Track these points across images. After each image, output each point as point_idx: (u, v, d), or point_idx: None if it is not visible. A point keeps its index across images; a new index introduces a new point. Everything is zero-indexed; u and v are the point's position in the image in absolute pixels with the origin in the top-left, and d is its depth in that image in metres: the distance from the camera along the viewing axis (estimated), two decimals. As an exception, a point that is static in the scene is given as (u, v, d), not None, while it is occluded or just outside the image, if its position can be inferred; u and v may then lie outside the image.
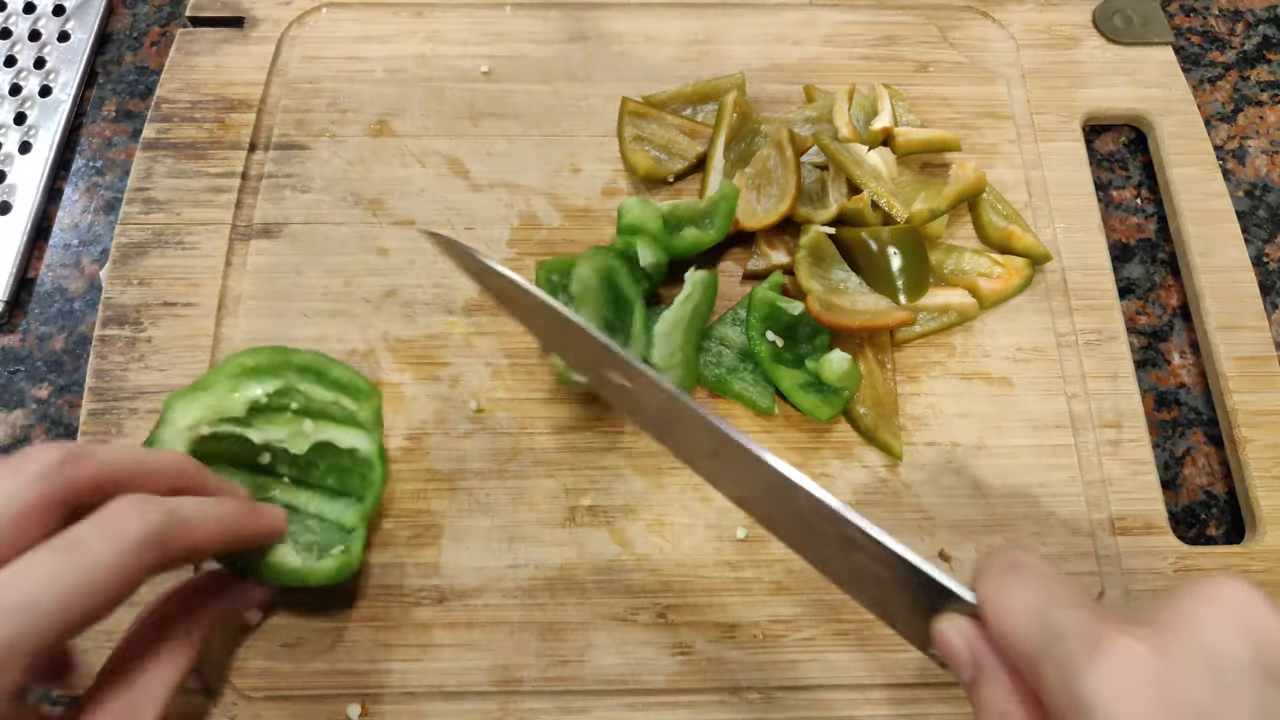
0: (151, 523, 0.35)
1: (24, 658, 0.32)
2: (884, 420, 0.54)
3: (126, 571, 0.34)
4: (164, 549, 0.36)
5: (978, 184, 0.58)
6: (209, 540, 0.39)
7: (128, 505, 0.36)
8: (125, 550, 0.34)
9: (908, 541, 0.52)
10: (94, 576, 0.33)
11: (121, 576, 0.34)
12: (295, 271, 0.58)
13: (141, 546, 0.35)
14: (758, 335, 0.54)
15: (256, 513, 0.43)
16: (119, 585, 0.34)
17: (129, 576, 0.35)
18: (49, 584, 0.33)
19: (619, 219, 0.57)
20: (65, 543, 0.34)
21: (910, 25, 0.68)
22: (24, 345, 0.59)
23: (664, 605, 0.50)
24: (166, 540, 0.36)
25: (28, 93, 0.66)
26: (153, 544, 0.35)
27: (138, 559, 0.35)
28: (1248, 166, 0.67)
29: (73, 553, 0.34)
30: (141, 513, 0.35)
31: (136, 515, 0.35)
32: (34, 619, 0.32)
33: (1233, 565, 0.52)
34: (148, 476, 0.39)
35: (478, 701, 0.48)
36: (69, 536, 0.34)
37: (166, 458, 0.41)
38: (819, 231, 0.57)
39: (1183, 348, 0.61)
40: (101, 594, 0.34)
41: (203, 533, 0.38)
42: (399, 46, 0.66)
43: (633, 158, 0.61)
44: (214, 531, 0.39)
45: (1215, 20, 0.73)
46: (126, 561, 0.34)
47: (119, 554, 0.34)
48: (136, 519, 0.35)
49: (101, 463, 0.37)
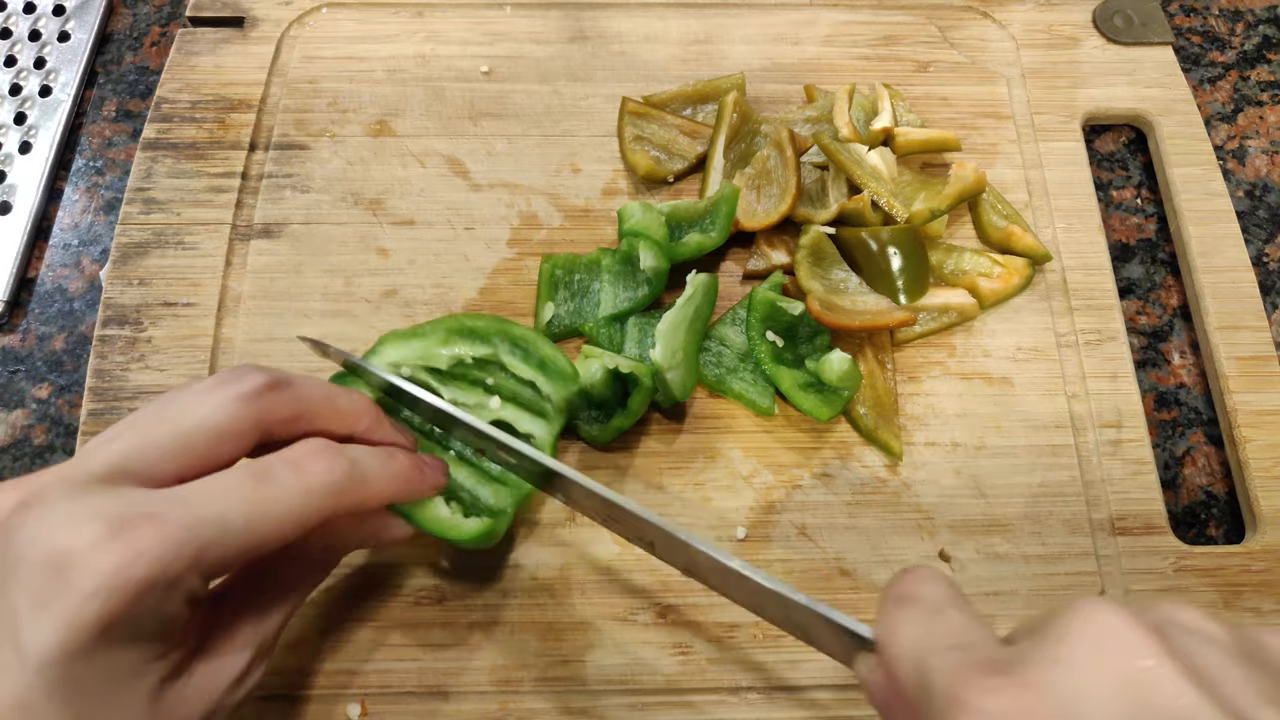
0: (336, 471, 0.38)
1: (207, 567, 0.34)
2: (884, 420, 0.54)
3: (307, 510, 0.37)
4: (341, 497, 0.38)
5: (978, 184, 0.58)
6: (381, 496, 0.40)
7: (319, 450, 0.38)
8: (311, 490, 0.37)
9: (907, 542, 0.52)
10: (279, 509, 0.36)
11: (301, 514, 0.36)
12: (295, 271, 0.58)
13: (325, 491, 0.37)
14: (758, 335, 0.54)
15: (423, 469, 0.44)
16: (297, 522, 0.36)
17: (307, 516, 0.37)
18: (242, 506, 0.35)
19: (620, 223, 0.57)
20: (260, 470, 0.36)
21: (910, 25, 0.68)
22: (24, 345, 0.59)
23: (664, 605, 0.50)
24: (345, 490, 0.38)
25: (28, 93, 0.66)
26: (334, 491, 0.37)
27: (319, 501, 0.37)
28: (1248, 166, 0.67)
29: (266, 482, 0.36)
30: (329, 461, 0.38)
31: (325, 462, 0.38)
32: (222, 534, 0.34)
33: (1233, 565, 0.52)
34: (335, 415, 0.41)
35: (478, 701, 0.48)
36: (263, 465, 0.37)
37: (355, 400, 0.42)
38: (819, 231, 0.57)
39: (1183, 348, 0.61)
40: (282, 526, 0.36)
41: (376, 488, 0.40)
42: (399, 46, 0.66)
43: (633, 158, 0.61)
44: (386, 488, 0.41)
45: (1215, 20, 0.73)
46: (310, 501, 0.37)
47: (305, 492, 0.37)
48: (325, 465, 0.37)
49: (298, 395, 0.39)
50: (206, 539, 0.34)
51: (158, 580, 0.32)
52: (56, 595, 0.32)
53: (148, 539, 0.32)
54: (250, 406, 0.37)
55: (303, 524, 0.37)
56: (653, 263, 0.55)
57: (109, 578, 0.31)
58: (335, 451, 0.38)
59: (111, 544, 0.32)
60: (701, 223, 0.58)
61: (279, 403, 0.38)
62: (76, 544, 0.32)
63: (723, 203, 0.57)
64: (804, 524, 0.53)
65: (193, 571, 0.34)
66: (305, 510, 0.37)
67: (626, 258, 0.56)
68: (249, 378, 0.38)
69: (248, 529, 0.35)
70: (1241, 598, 0.51)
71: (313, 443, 0.38)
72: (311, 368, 0.56)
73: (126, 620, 0.32)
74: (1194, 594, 0.51)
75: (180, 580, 0.33)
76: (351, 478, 0.38)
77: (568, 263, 0.58)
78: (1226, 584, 0.52)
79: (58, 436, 0.57)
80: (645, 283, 0.56)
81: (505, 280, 0.59)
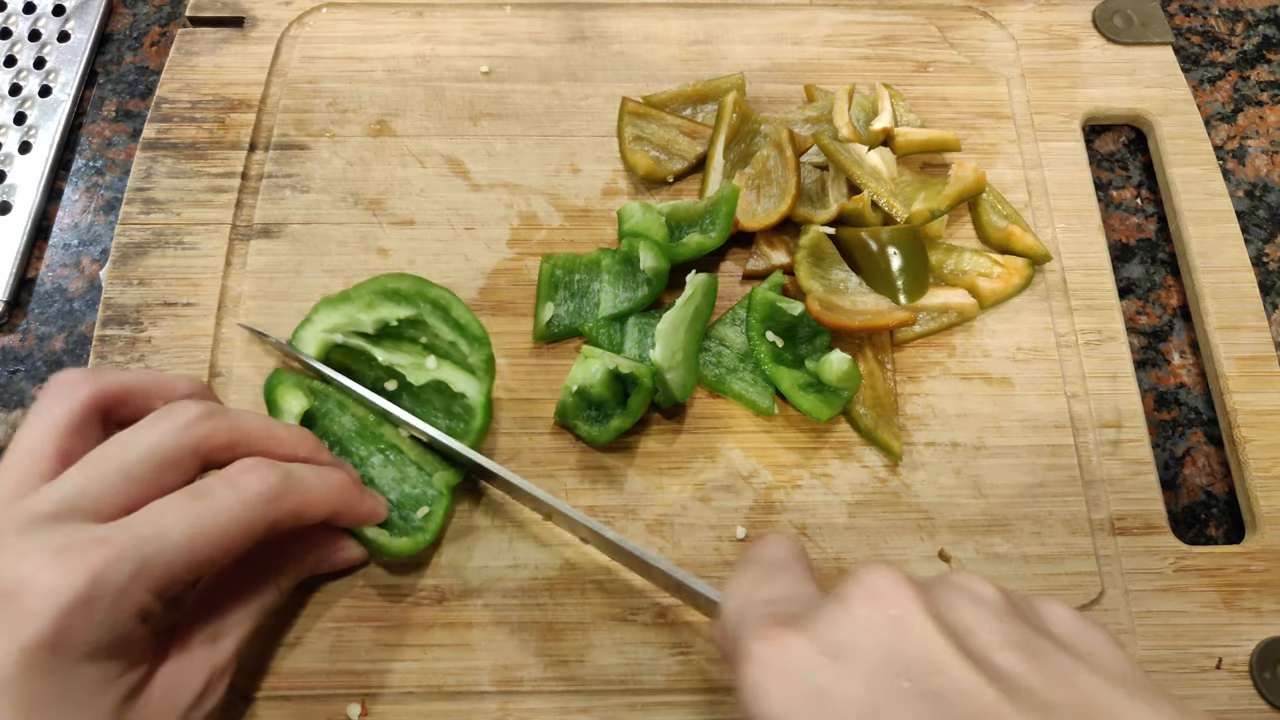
0: (271, 481, 0.40)
1: (152, 581, 0.36)
2: (884, 420, 0.54)
3: (247, 521, 0.39)
4: (279, 505, 0.40)
5: (978, 184, 0.58)
6: (318, 506, 0.43)
7: (252, 464, 0.40)
8: (248, 501, 0.39)
9: (907, 542, 0.52)
10: (218, 521, 0.38)
11: (242, 525, 0.39)
12: (295, 271, 0.58)
13: (261, 500, 0.39)
14: (758, 335, 0.54)
15: (362, 493, 0.46)
16: (239, 533, 0.39)
17: (248, 526, 0.39)
18: (180, 522, 0.37)
19: (620, 223, 0.57)
20: (196, 490, 0.39)
21: (910, 25, 0.68)
22: (24, 345, 0.59)
23: (664, 605, 0.50)
24: (280, 497, 0.40)
25: (28, 93, 0.66)
26: (269, 498, 0.40)
27: (258, 510, 0.39)
28: (1248, 166, 0.67)
29: (203, 499, 0.38)
30: (263, 472, 0.40)
31: (259, 472, 0.40)
32: (163, 549, 0.36)
33: (1233, 565, 0.52)
34: (272, 442, 0.43)
35: (477, 701, 0.48)
36: (200, 486, 0.39)
37: (293, 430, 0.45)
38: (819, 231, 0.57)
39: (1183, 348, 0.61)
40: (223, 539, 0.38)
41: (314, 497, 0.42)
42: (399, 46, 0.66)
43: (633, 158, 0.61)
44: (323, 498, 0.43)
45: (1215, 20, 0.73)
46: (248, 512, 0.39)
47: (242, 504, 0.39)
48: (259, 475, 0.40)
49: (234, 424, 0.42)
50: (146, 553, 0.36)
51: (100, 594, 0.34)
52: (9, 617, 0.34)
53: (88, 557, 0.35)
54: (187, 434, 0.40)
55: (244, 533, 0.39)
56: (653, 263, 0.54)
57: (51, 594, 0.34)
58: (269, 465, 0.41)
59: (53, 566, 0.34)
60: (701, 223, 0.58)
61: (216, 430, 0.41)
62: (22, 572, 0.34)
63: (722, 203, 0.57)
64: (804, 524, 0.53)
65: (137, 585, 0.36)
66: (243, 520, 0.39)
67: (626, 258, 0.56)
68: (185, 410, 0.41)
69: (188, 542, 0.37)
70: (1241, 598, 0.51)
71: (248, 460, 0.41)
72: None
73: (77, 635, 0.34)
74: (1194, 594, 0.51)
75: (125, 594, 0.35)
76: (286, 486, 0.41)
77: (568, 263, 0.58)
78: (1226, 584, 0.52)
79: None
80: (645, 283, 0.56)
81: (505, 280, 0.59)
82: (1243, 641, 0.50)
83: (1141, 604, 0.51)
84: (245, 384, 0.55)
